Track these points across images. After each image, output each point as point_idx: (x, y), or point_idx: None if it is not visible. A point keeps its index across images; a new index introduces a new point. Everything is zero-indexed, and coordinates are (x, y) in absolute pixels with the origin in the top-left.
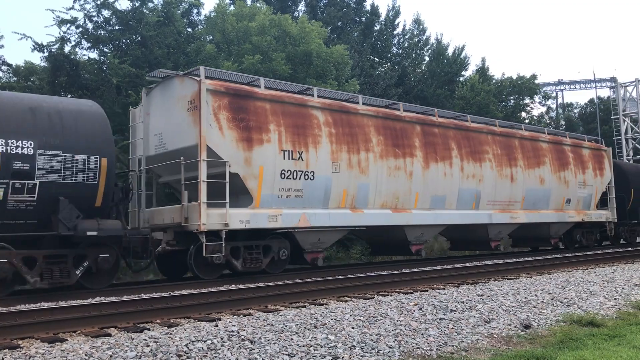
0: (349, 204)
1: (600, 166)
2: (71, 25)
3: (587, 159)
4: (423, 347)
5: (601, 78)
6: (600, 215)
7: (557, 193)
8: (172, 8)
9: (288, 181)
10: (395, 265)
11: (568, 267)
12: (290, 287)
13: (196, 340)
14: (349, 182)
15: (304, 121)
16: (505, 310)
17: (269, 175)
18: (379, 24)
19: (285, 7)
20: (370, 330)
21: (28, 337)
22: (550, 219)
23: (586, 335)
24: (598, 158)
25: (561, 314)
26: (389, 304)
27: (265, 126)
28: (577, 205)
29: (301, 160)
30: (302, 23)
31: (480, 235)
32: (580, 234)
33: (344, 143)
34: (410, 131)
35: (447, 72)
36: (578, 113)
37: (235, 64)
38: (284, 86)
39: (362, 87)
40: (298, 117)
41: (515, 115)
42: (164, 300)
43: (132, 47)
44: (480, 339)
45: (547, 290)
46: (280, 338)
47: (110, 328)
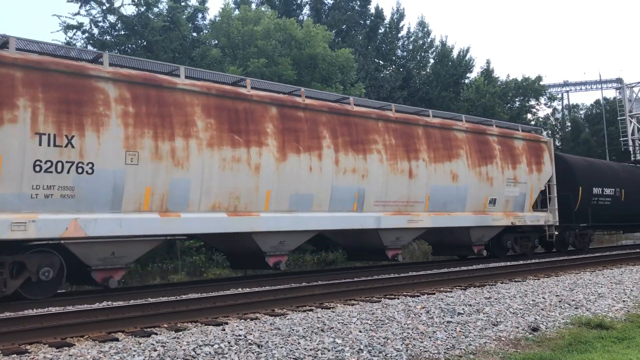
0: (156, 207)
1: (538, 160)
2: (77, 31)
3: (519, 151)
4: (431, 350)
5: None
6: (537, 217)
7: (476, 192)
8: (178, 13)
9: (48, 175)
10: (401, 268)
11: (575, 269)
12: (297, 290)
13: (203, 344)
14: (156, 178)
15: (80, 96)
16: (513, 313)
17: (13, 167)
18: (384, 27)
19: (290, 11)
20: (378, 334)
21: (36, 342)
22: (466, 222)
23: (595, 338)
24: (535, 151)
25: (569, 317)
26: (396, 307)
27: (8, 100)
28: (505, 206)
29: (71, 148)
30: (307, 27)
31: (373, 243)
32: (512, 239)
33: (149, 126)
34: (260, 114)
35: (452, 74)
36: (584, 114)
37: (240, 68)
38: (54, 49)
39: (367, 90)
40: (71, 90)
41: (520, 116)
42: (171, 304)
43: (137, 52)
44: (488, 342)
45: (554, 293)
46: (288, 342)
47: (118, 332)
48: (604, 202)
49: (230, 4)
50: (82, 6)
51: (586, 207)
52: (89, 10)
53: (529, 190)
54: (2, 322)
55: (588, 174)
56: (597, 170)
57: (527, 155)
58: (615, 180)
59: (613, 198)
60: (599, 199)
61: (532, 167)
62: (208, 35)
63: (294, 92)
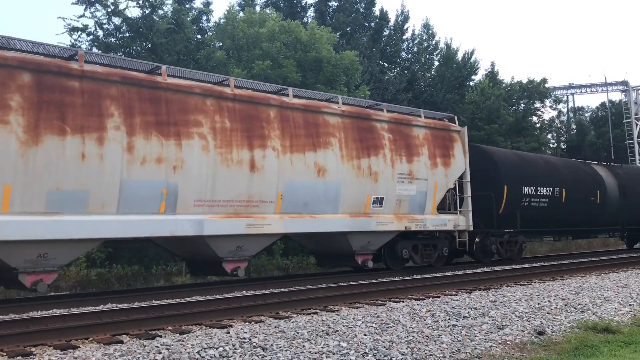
0: None
1: (446, 152)
2: (82, 33)
3: (419, 141)
4: (436, 354)
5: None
6: (442, 221)
7: (353, 189)
8: (182, 15)
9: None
10: (407, 272)
11: (581, 273)
12: (302, 293)
13: (208, 347)
14: None
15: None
16: (519, 317)
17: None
18: (388, 29)
19: (295, 13)
20: (383, 337)
21: (41, 344)
22: (339, 226)
23: (601, 342)
24: (442, 141)
25: (575, 320)
26: (401, 311)
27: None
28: (397, 207)
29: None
30: (311, 29)
31: (206, 253)
32: (409, 248)
33: None
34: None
35: (456, 76)
36: (589, 117)
37: (245, 71)
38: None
39: (371, 93)
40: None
41: (525, 119)
42: (175, 307)
43: (142, 54)
44: (494, 345)
45: (560, 296)
46: (292, 345)
47: (122, 335)
48: (537, 203)
49: (235, 6)
50: (87, 8)
51: (513, 209)
52: (93, 13)
53: (432, 189)
54: (7, 324)
55: (516, 170)
56: (529, 165)
57: (429, 147)
58: (554, 178)
59: (551, 199)
60: (531, 199)
61: (437, 161)
62: (213, 37)
63: (70, 57)
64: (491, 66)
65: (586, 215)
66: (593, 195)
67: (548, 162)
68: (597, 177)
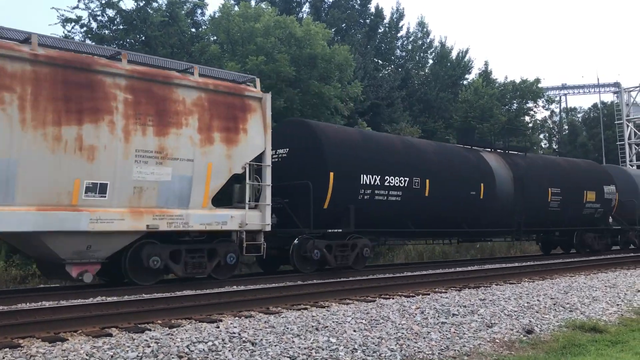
0: None
1: (232, 125)
2: (75, 24)
3: (185, 107)
4: (425, 351)
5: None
6: (219, 218)
7: (46, 170)
8: (177, 8)
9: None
10: (397, 269)
11: (570, 272)
12: (292, 289)
13: (197, 341)
14: None
15: None
16: (508, 315)
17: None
18: (383, 27)
19: (290, 8)
20: (372, 334)
21: (29, 336)
22: (12, 225)
23: (589, 341)
24: (227, 110)
25: (564, 320)
26: (391, 307)
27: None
28: (136, 197)
29: None
30: (306, 25)
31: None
32: (164, 255)
33: None
34: None
35: (450, 75)
36: (581, 118)
37: (239, 65)
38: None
39: (365, 90)
40: None
41: (518, 118)
42: (165, 300)
43: (136, 47)
44: (483, 343)
45: (549, 295)
46: (282, 340)
47: (112, 328)
48: (385, 196)
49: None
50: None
51: (345, 203)
52: (87, 4)
53: (203, 173)
54: None
55: (351, 153)
56: (377, 148)
57: (203, 116)
58: (415, 165)
59: (407, 191)
60: (375, 191)
61: (214, 136)
62: (207, 31)
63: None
64: (485, 65)
65: (462, 213)
66: (474, 189)
67: (409, 145)
68: (483, 166)
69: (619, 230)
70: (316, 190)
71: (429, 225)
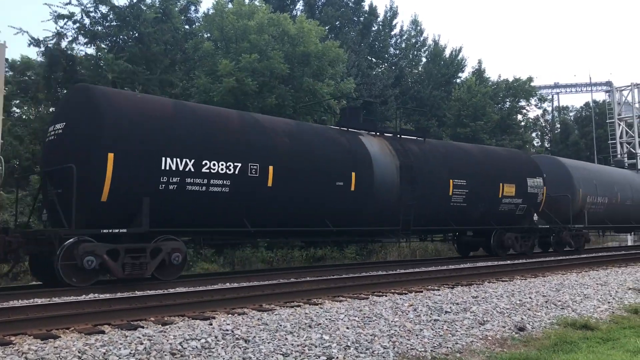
0: None
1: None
2: (68, 21)
3: None
4: (417, 348)
5: (597, 82)
6: None
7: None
8: (170, 5)
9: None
10: (390, 266)
11: (562, 270)
12: (285, 286)
13: (190, 338)
14: None
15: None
16: (500, 313)
17: None
18: (377, 25)
19: (284, 5)
20: (365, 331)
21: (21, 333)
22: None
23: (580, 339)
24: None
25: (555, 317)
26: (384, 305)
27: None
28: None
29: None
30: (300, 22)
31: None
32: None
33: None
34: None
35: (443, 73)
36: (574, 116)
37: (232, 62)
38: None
39: (358, 87)
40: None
41: (511, 117)
42: (158, 297)
43: (129, 44)
44: (475, 340)
45: (541, 293)
46: (275, 337)
47: (104, 325)
48: (204, 187)
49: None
50: None
51: (135, 194)
52: (80, 0)
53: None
54: None
55: (147, 128)
56: (190, 123)
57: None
58: (251, 146)
59: (238, 180)
60: (186, 180)
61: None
62: (201, 28)
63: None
64: (478, 64)
65: (324, 209)
66: (342, 179)
67: (251, 123)
68: (359, 152)
69: (550, 230)
70: (86, 177)
71: (276, 223)
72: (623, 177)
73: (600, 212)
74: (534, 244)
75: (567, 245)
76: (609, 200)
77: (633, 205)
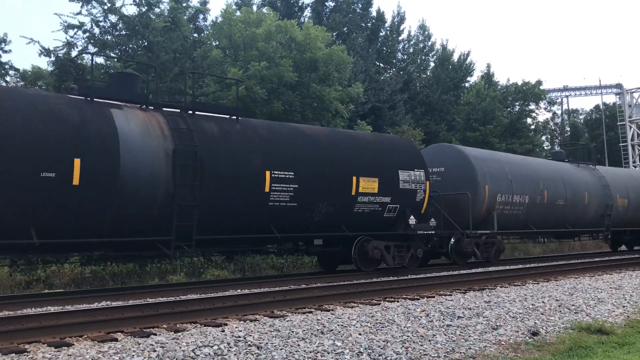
0: None
1: None
2: (78, 30)
3: None
4: (430, 353)
5: (607, 84)
6: None
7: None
8: (179, 13)
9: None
10: (401, 272)
11: (575, 274)
12: (297, 292)
13: (203, 345)
14: None
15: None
16: (513, 317)
17: None
18: (385, 30)
19: (292, 13)
20: (377, 337)
21: (35, 341)
22: None
23: (595, 343)
24: None
25: (569, 321)
26: (396, 310)
27: None
28: None
29: None
30: (306, 29)
31: None
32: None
33: None
34: None
35: (452, 77)
36: (583, 119)
37: (241, 70)
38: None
39: (366, 92)
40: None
41: (520, 121)
42: (170, 305)
43: (138, 53)
44: (488, 345)
45: (554, 297)
46: (287, 344)
47: (117, 333)
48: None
49: (232, 5)
50: (83, 5)
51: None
52: (90, 10)
53: None
54: (1, 321)
55: None
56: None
57: None
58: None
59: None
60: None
61: None
62: (209, 36)
63: None
64: (487, 68)
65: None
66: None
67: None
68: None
69: (443, 238)
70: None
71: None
72: (556, 172)
73: (520, 214)
74: (417, 255)
75: (472, 256)
76: (531, 199)
77: (569, 206)
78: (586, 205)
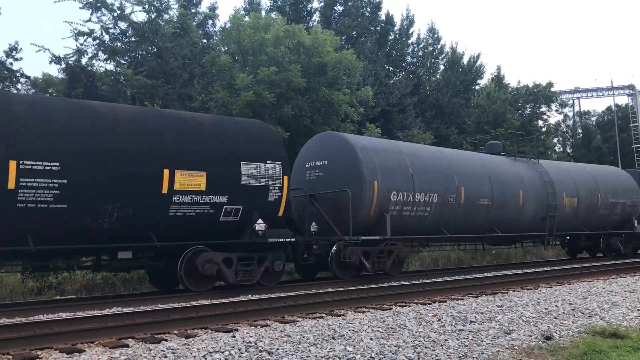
0: None
1: None
2: (88, 37)
3: None
4: (443, 358)
5: (619, 85)
6: None
7: None
8: (188, 19)
9: None
10: (412, 276)
11: (589, 278)
12: (307, 297)
13: (214, 351)
14: None
15: None
16: (526, 321)
17: None
18: (394, 34)
19: (300, 18)
20: (389, 342)
21: (47, 347)
22: None
23: (610, 347)
24: None
25: (583, 325)
26: (407, 315)
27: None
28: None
29: None
30: (315, 33)
31: None
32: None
33: None
34: None
35: (462, 80)
36: (595, 121)
37: (250, 75)
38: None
39: (376, 96)
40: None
41: (531, 123)
42: (181, 310)
43: (147, 59)
44: (501, 350)
45: (567, 301)
46: (298, 349)
47: (128, 339)
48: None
49: (240, 10)
50: (93, 13)
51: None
52: (100, 17)
53: None
54: (13, 328)
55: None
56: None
57: None
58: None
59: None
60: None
61: None
62: (218, 42)
63: None
64: (497, 70)
65: None
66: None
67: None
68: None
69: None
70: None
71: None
72: (480, 165)
73: (427, 216)
74: (275, 268)
75: (362, 268)
76: (441, 198)
77: (496, 206)
78: (521, 205)
